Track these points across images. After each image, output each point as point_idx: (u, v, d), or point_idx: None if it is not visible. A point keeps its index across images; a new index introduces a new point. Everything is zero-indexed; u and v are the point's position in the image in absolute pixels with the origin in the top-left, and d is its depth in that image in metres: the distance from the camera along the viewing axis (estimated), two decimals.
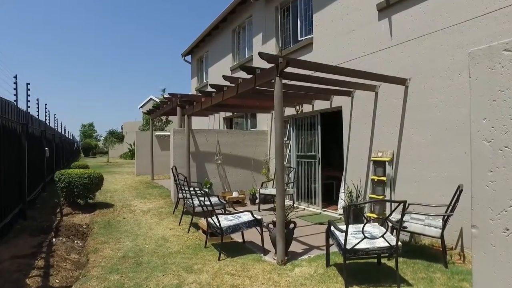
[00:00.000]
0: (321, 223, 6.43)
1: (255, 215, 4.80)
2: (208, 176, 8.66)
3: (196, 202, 6.13)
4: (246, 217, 4.82)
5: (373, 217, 5.73)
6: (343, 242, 3.44)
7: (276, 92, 4.20)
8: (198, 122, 15.38)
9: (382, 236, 3.33)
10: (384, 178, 5.61)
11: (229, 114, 12.12)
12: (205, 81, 14.30)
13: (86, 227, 6.07)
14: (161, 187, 10.89)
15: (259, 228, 4.76)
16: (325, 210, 7.49)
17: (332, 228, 3.77)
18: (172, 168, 7.53)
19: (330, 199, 8.48)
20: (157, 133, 15.38)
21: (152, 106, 11.46)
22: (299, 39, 8.19)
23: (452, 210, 4.02)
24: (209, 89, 6.49)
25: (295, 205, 8.21)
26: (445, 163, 4.76)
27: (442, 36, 4.81)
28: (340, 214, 6.84)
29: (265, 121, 9.63)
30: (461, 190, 3.89)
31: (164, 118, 22.04)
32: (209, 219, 4.87)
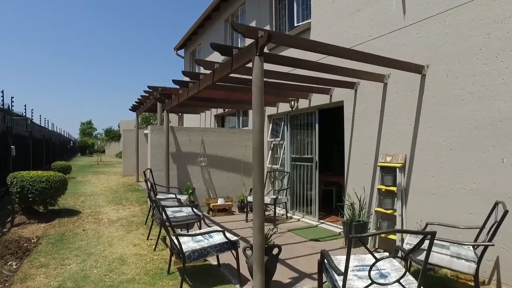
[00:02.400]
0: (316, 240, 5.39)
1: (229, 235, 3.77)
2: (190, 180, 7.64)
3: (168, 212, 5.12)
4: (218, 237, 3.79)
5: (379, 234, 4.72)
6: (340, 285, 2.41)
7: (255, 76, 3.17)
8: (191, 121, 14.39)
9: (398, 281, 2.29)
10: (394, 189, 4.57)
11: (220, 111, 11.11)
12: None
13: (35, 241, 5.07)
14: (143, 190, 9.88)
15: (234, 252, 3.74)
16: (322, 222, 6.44)
17: (326, 262, 2.74)
18: (144, 171, 6.52)
19: (329, 208, 7.44)
20: (145, 131, 14.38)
21: (135, 102, 10.45)
22: (295, 24, 7.16)
23: (492, 236, 2.96)
24: (186, 78, 5.47)
25: (288, 214, 7.17)
26: (474, 171, 3.71)
27: (473, 10, 3.76)
28: (340, 228, 5.79)
29: None
30: (507, 211, 2.83)
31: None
32: (174, 238, 3.85)
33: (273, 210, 6.58)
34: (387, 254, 3.01)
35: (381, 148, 4.96)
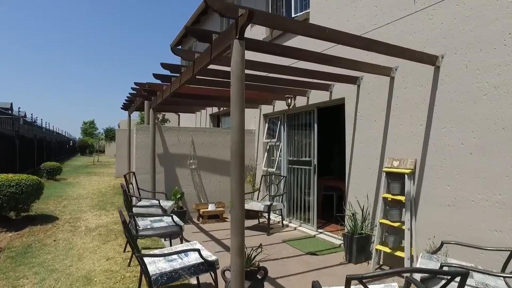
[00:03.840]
0: (313, 254, 4.80)
1: (207, 254, 3.19)
2: (179, 184, 7.07)
3: (142, 222, 4.56)
4: (193, 256, 3.21)
5: (383, 250, 4.13)
6: None
7: (235, 64, 2.59)
8: (188, 121, 13.83)
9: None
10: (402, 198, 3.96)
11: (216, 110, 10.55)
12: None
13: None
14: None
15: (213, 274, 3.15)
16: (321, 232, 5.84)
17: None
18: (125, 175, 5.96)
19: (329, 215, 6.84)
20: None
21: (125, 100, 9.89)
22: (293, 15, 6.57)
23: None
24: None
25: (284, 222, 6.58)
26: (500, 180, 3.10)
27: None
28: (341, 239, 5.19)
29: (253, 119, 8.02)
30: None
31: (160, 115, 19.97)
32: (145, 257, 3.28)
33: (271, 218, 5.99)
34: (396, 285, 2.41)
35: (387, 151, 4.36)
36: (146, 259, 3.10)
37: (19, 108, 12.12)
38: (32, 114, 15.48)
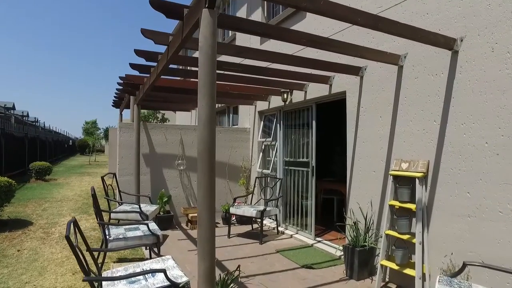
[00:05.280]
0: (310, 267, 4.23)
1: (177, 273, 2.63)
2: (166, 186, 6.52)
3: (115, 231, 4.01)
4: (160, 277, 2.65)
5: (389, 266, 3.57)
6: None
7: (204, 39, 2.03)
8: (184, 119, 13.30)
9: None
10: (412, 206, 3.39)
11: None
12: None
13: None
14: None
15: None
16: (319, 240, 5.27)
17: None
18: (103, 177, 5.43)
19: (328, 221, 6.28)
20: None
21: (114, 97, 9.36)
22: None
23: None
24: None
25: (280, 228, 6.01)
26: None
27: None
28: (341, 250, 4.61)
29: (247, 116, 7.46)
30: None
31: (160, 114, 19.27)
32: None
33: (266, 223, 5.43)
34: None
35: (394, 151, 3.78)
36: (104, 283, 2.56)
37: (23, 112, 11.63)
38: (28, 112, 15.01)
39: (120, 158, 6.25)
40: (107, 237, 3.78)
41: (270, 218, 6.53)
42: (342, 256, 4.36)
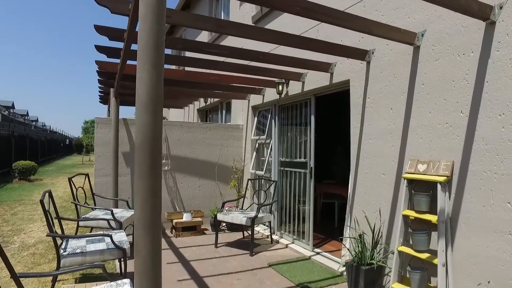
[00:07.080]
0: (307, 287, 3.57)
1: None
2: None
3: (75, 243, 3.36)
4: None
5: None
6: None
7: None
8: (178, 118, 12.64)
9: None
10: (432, 218, 2.73)
11: (203, 104, 9.35)
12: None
13: None
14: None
15: None
16: (318, 252, 4.62)
17: None
18: (70, 178, 4.80)
19: (329, 229, 5.63)
20: None
21: (100, 92, 8.72)
22: None
23: None
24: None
25: (274, 237, 5.36)
26: None
27: None
28: (343, 266, 3.94)
29: (240, 112, 6.82)
30: None
31: None
32: None
33: (259, 230, 4.78)
34: None
35: (408, 150, 3.13)
36: None
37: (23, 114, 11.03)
38: (27, 111, 14.38)
39: (97, 157, 5.62)
40: (61, 251, 3.13)
41: (264, 225, 5.88)
42: (345, 273, 3.71)
